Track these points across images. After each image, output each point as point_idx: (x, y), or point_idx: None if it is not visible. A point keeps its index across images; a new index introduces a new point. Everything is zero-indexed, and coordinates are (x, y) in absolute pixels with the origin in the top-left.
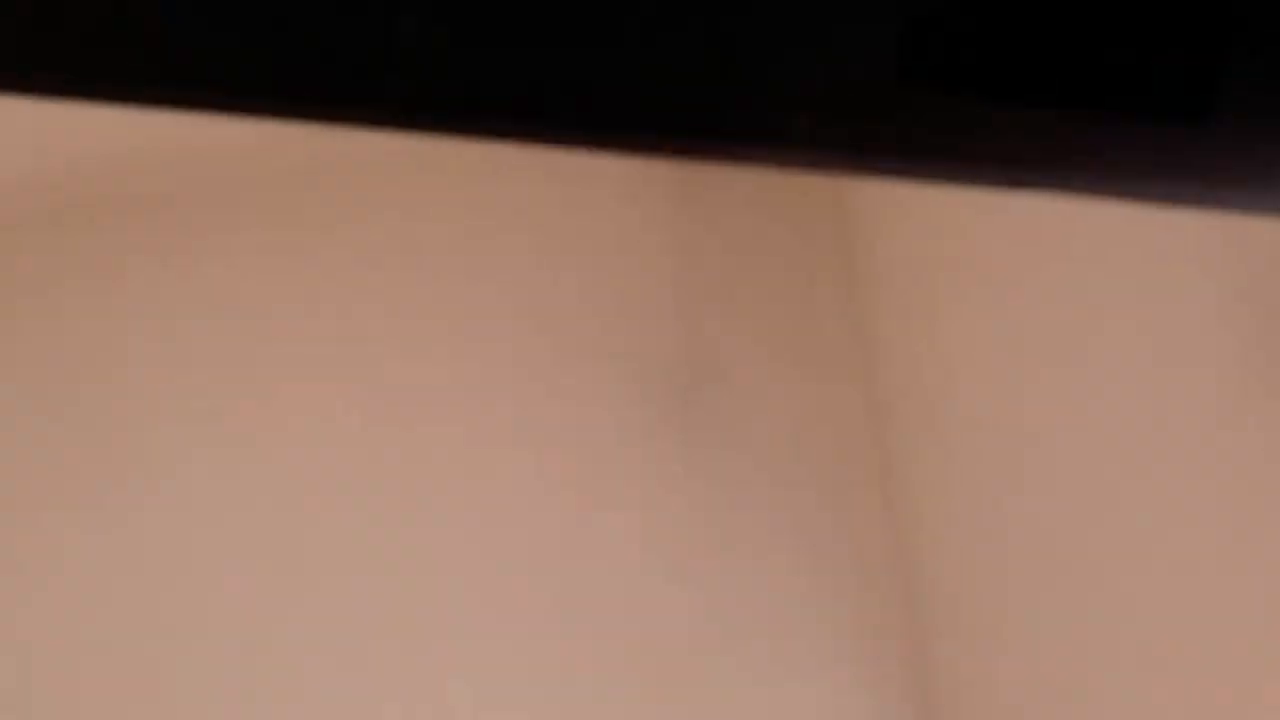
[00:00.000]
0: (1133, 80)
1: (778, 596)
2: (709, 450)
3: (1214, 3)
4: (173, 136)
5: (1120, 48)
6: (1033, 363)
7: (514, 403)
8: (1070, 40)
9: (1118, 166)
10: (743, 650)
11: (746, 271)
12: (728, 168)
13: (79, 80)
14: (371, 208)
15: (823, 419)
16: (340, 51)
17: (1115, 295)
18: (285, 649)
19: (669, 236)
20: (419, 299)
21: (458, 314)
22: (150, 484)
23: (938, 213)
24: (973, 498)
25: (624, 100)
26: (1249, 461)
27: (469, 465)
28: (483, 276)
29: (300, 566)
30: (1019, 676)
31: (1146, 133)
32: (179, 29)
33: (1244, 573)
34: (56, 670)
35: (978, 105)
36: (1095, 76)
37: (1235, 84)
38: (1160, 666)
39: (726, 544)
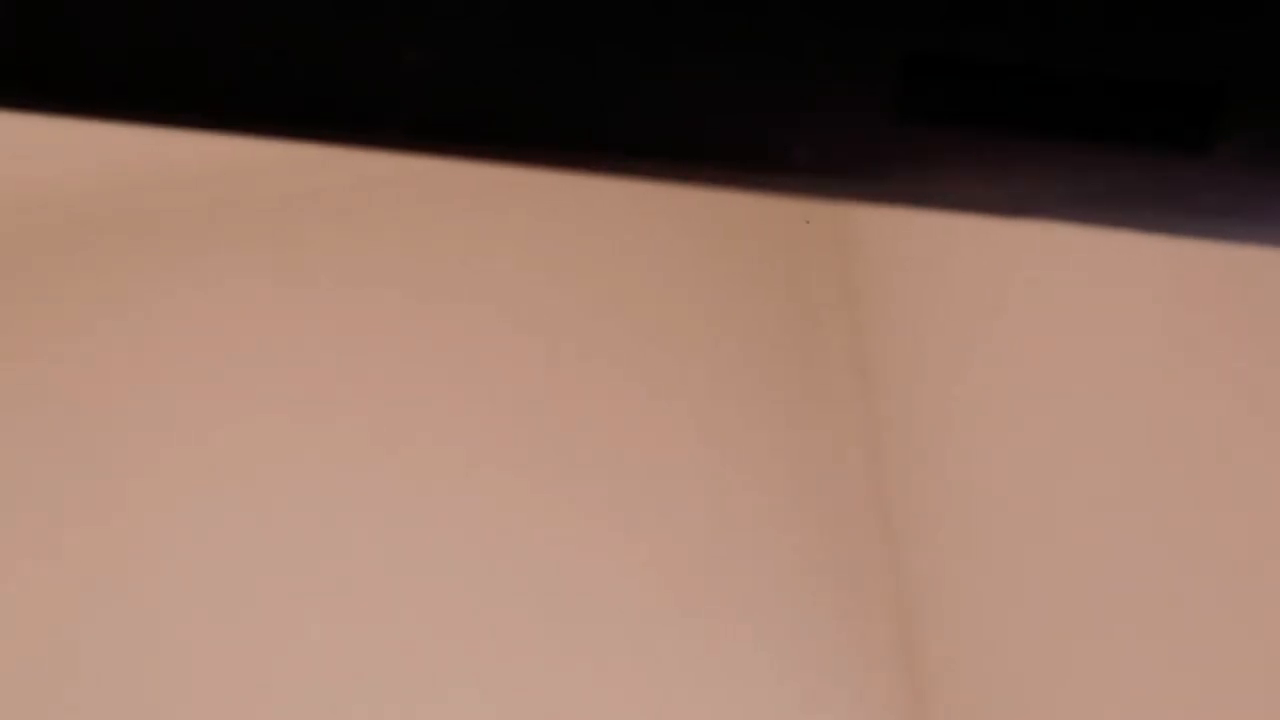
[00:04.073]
0: (1132, 109)
1: (770, 610)
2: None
3: (1215, 30)
4: (168, 156)
5: (1119, 76)
6: (1028, 373)
7: (512, 423)
8: (1069, 70)
9: (1118, 195)
10: (734, 654)
11: (745, 294)
12: (728, 193)
13: (82, 97)
14: (367, 230)
15: (820, 443)
16: (347, 75)
17: (1125, 323)
18: (273, 671)
19: (668, 260)
20: (414, 321)
21: (454, 336)
22: (141, 502)
23: (941, 238)
24: (968, 504)
25: (622, 126)
26: (1244, 468)
27: (465, 487)
28: (479, 299)
29: (287, 590)
30: (1010, 677)
31: (1147, 162)
32: (182, 47)
33: (1237, 573)
34: (40, 677)
35: (976, 136)
36: (1094, 106)
37: (1236, 112)
38: (1153, 664)
39: (724, 559)
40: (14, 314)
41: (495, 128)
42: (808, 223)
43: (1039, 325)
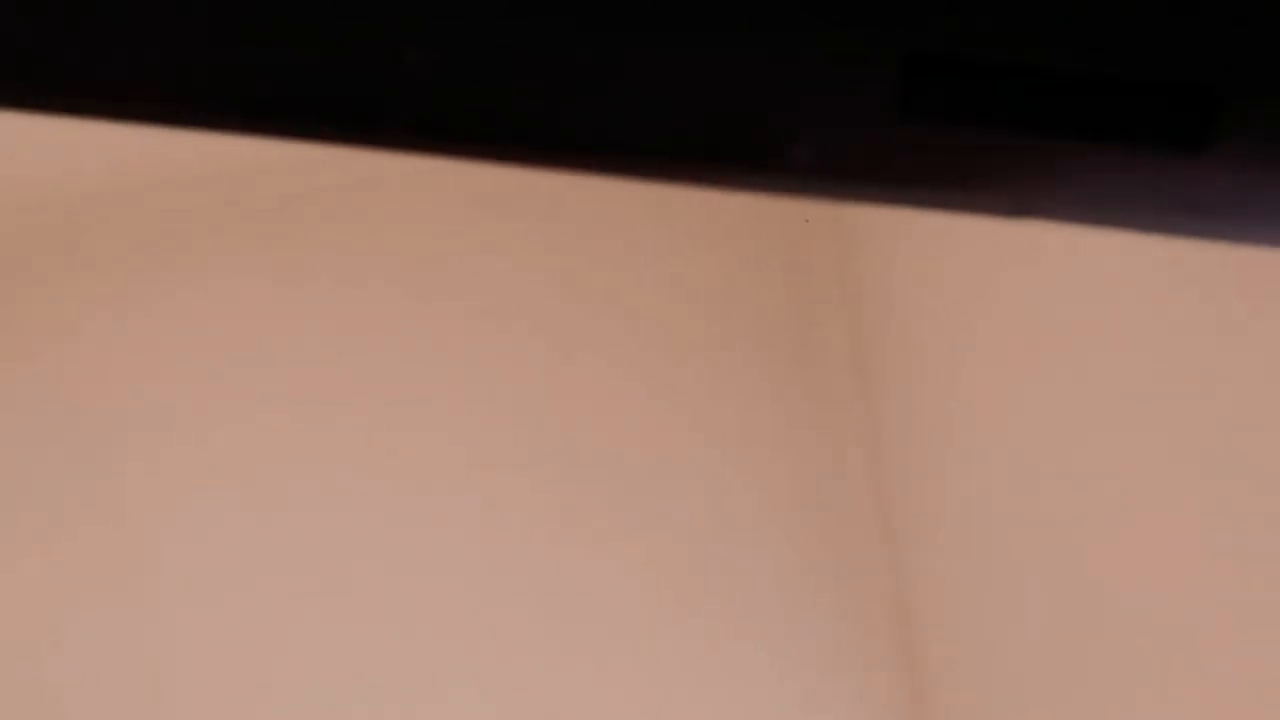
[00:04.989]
0: (1132, 109)
1: (770, 610)
2: (708, 466)
3: (1215, 30)
4: (168, 156)
5: (1119, 76)
6: (1028, 373)
7: (512, 423)
8: (1069, 70)
9: (1118, 195)
10: (734, 654)
11: (745, 294)
12: (728, 193)
13: (83, 97)
14: (367, 230)
15: (820, 443)
16: (347, 75)
17: (1125, 323)
18: (273, 671)
19: (669, 260)
20: (414, 321)
21: (454, 336)
22: (141, 502)
23: (941, 238)
24: (968, 506)
25: (622, 126)
26: (1244, 468)
27: (465, 488)
28: (479, 299)
29: (287, 590)
30: (1010, 677)
31: (1147, 162)
32: (182, 46)
33: (1237, 573)
34: (40, 677)
35: (976, 136)
36: (1094, 106)
37: (1236, 112)
38: (1157, 665)
39: (724, 559)
40: (14, 314)
41: (495, 128)
42: (807, 222)
43: (1039, 325)
